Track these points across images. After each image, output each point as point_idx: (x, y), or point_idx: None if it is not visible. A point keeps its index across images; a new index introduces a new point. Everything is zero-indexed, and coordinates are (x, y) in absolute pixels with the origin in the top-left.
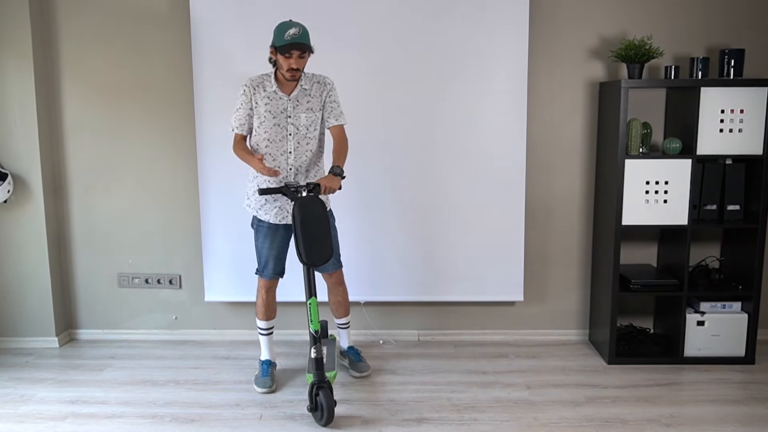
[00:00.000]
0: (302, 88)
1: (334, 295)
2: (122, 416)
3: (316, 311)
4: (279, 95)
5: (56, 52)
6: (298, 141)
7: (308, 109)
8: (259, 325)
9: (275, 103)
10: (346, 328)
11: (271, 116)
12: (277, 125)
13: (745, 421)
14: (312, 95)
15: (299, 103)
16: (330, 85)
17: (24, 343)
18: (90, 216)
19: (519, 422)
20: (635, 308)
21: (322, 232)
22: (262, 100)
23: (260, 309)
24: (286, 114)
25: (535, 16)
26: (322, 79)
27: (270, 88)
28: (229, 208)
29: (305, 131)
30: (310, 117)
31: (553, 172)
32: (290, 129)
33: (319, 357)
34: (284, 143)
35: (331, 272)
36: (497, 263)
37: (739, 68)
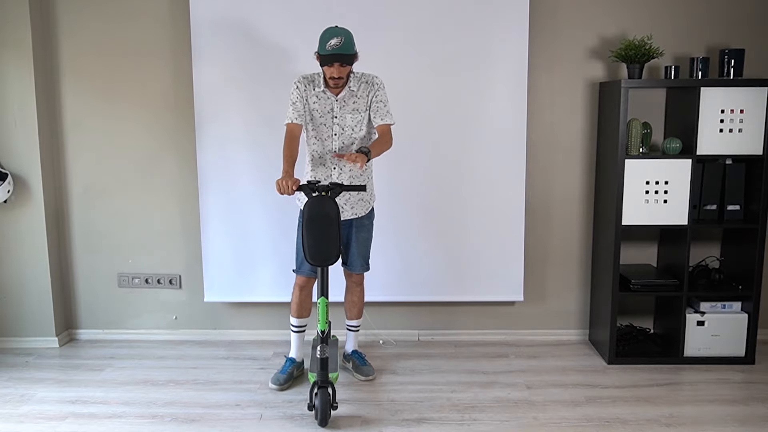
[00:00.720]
0: (350, 89)
1: (351, 294)
2: (122, 416)
3: (325, 311)
4: (327, 95)
5: (56, 52)
6: (343, 141)
7: (354, 110)
8: (291, 322)
9: (322, 103)
10: (355, 330)
11: (318, 115)
12: (323, 125)
13: (745, 421)
14: (359, 96)
15: (345, 104)
16: (378, 85)
17: (24, 343)
18: (90, 216)
19: (519, 422)
20: (635, 308)
21: (329, 233)
22: (311, 98)
23: (293, 306)
24: (332, 114)
25: (535, 16)
26: (370, 79)
27: (319, 88)
28: (229, 208)
29: (350, 131)
30: (355, 118)
31: (553, 172)
32: (335, 129)
33: (324, 357)
34: (329, 142)
35: (358, 273)
36: (497, 263)
37: (739, 68)
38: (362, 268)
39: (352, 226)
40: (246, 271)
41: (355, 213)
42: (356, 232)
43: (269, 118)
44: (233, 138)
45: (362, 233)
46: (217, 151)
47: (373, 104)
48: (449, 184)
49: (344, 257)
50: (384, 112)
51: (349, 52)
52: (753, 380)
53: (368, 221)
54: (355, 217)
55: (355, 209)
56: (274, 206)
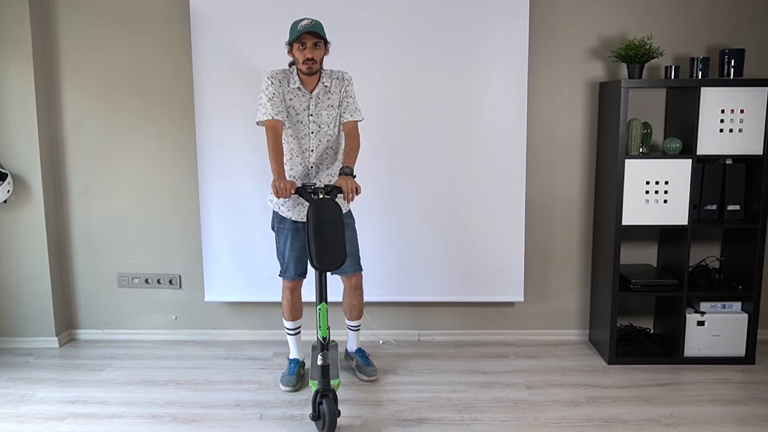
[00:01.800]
0: (323, 85)
1: (350, 298)
2: (122, 416)
3: (326, 317)
4: (302, 92)
5: (56, 52)
6: (319, 139)
7: (329, 106)
8: (286, 326)
9: (298, 100)
10: (356, 330)
11: (295, 112)
12: (300, 122)
13: (745, 421)
14: (332, 91)
15: (320, 100)
16: (348, 80)
17: (24, 343)
18: (90, 216)
19: (519, 422)
20: (635, 308)
21: (336, 237)
22: (287, 95)
23: (285, 310)
24: (308, 112)
25: (535, 16)
26: (340, 75)
27: (294, 84)
28: (229, 208)
29: (326, 128)
30: (330, 114)
31: (553, 172)
32: (312, 127)
33: (326, 365)
34: (306, 140)
35: (350, 275)
36: (497, 263)
37: (739, 68)
38: (354, 268)
39: None
40: (246, 271)
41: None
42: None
43: None
44: (233, 138)
45: (348, 233)
46: (217, 151)
47: (344, 99)
48: (449, 184)
49: None
50: (353, 108)
51: (321, 32)
52: (753, 380)
53: (351, 220)
54: None
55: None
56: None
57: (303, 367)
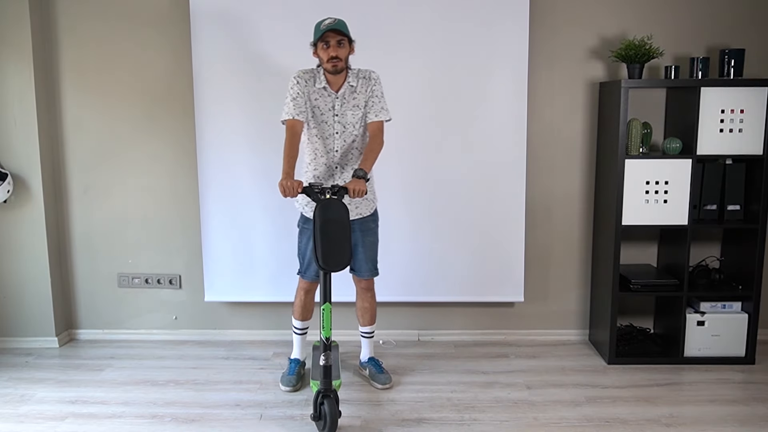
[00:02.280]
0: (349, 84)
1: (362, 300)
2: (122, 416)
3: (329, 318)
4: (328, 92)
5: (56, 52)
6: (344, 139)
7: (354, 106)
8: (295, 325)
9: (323, 100)
10: (369, 337)
11: (320, 112)
12: (325, 122)
13: (745, 421)
14: (358, 91)
15: (346, 100)
16: (375, 79)
17: (24, 343)
18: (90, 216)
19: (519, 422)
20: (635, 308)
21: (342, 237)
22: (312, 95)
23: (297, 309)
24: (333, 112)
25: (535, 16)
26: (367, 74)
27: (320, 84)
28: (229, 208)
29: (351, 129)
30: (356, 114)
31: (553, 172)
32: (337, 127)
33: (328, 365)
34: (331, 140)
35: (367, 278)
36: (497, 263)
37: (739, 68)
38: (370, 272)
39: (359, 230)
40: (246, 271)
41: (360, 213)
42: (363, 236)
43: (270, 118)
44: (233, 138)
45: (369, 237)
46: (217, 151)
47: (369, 99)
48: (449, 184)
49: (352, 263)
50: (379, 107)
51: (345, 30)
52: (753, 380)
53: (374, 224)
54: (360, 217)
55: (359, 209)
56: (275, 206)
57: (303, 368)
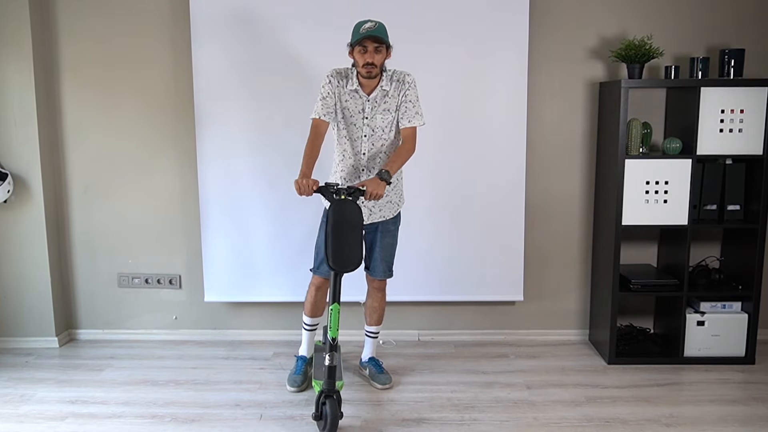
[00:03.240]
0: (382, 89)
1: (372, 299)
2: (122, 416)
3: (337, 318)
4: (360, 94)
5: (56, 52)
6: (372, 143)
7: (385, 110)
8: (305, 320)
9: (354, 102)
10: (374, 337)
11: (350, 114)
12: (354, 124)
13: (745, 421)
14: (390, 95)
15: (377, 104)
16: (409, 83)
17: (24, 343)
18: (90, 216)
19: (519, 422)
20: (635, 308)
21: (353, 239)
22: (343, 96)
23: (308, 305)
24: (363, 115)
25: (535, 16)
26: (402, 77)
27: (352, 86)
28: (229, 208)
29: (381, 132)
30: (386, 118)
31: (553, 171)
32: (365, 130)
33: (333, 366)
34: (359, 143)
35: (381, 279)
36: (497, 263)
37: (739, 68)
38: (385, 274)
39: (378, 230)
40: (246, 271)
41: (383, 216)
42: (381, 237)
43: (270, 118)
44: (233, 138)
45: (387, 239)
46: (217, 151)
47: (402, 104)
48: (449, 184)
49: (367, 262)
50: (412, 113)
51: (384, 36)
52: (753, 380)
53: (393, 227)
54: (383, 220)
55: (383, 211)
56: (275, 206)
57: (310, 366)
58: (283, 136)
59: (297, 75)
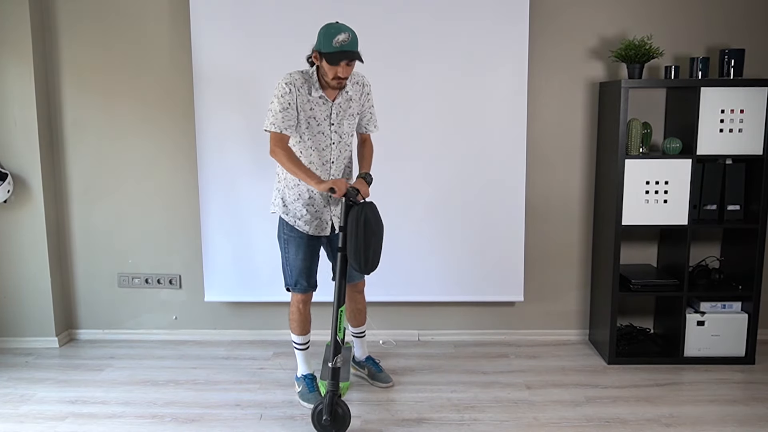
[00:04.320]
0: (347, 93)
1: (354, 302)
2: (122, 416)
3: (344, 320)
4: (324, 100)
5: (56, 52)
6: (340, 150)
7: (350, 116)
8: (295, 341)
9: (319, 109)
10: (362, 337)
11: (315, 123)
12: (321, 133)
13: (745, 421)
14: (353, 99)
15: (342, 109)
16: (368, 86)
17: (24, 343)
18: (90, 216)
19: (519, 422)
20: (635, 308)
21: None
22: (306, 105)
23: (296, 324)
24: (329, 121)
25: (535, 16)
26: (361, 80)
27: (316, 93)
28: (229, 207)
29: (346, 138)
30: (351, 123)
31: (553, 172)
32: (333, 137)
33: (337, 367)
34: (327, 152)
35: (358, 282)
36: (497, 263)
37: (739, 68)
38: (360, 276)
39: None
40: (246, 271)
41: None
42: None
43: None
44: (233, 138)
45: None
46: (217, 151)
47: (366, 109)
48: (449, 184)
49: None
50: (374, 120)
51: (357, 49)
52: (753, 380)
53: None
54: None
55: None
56: None
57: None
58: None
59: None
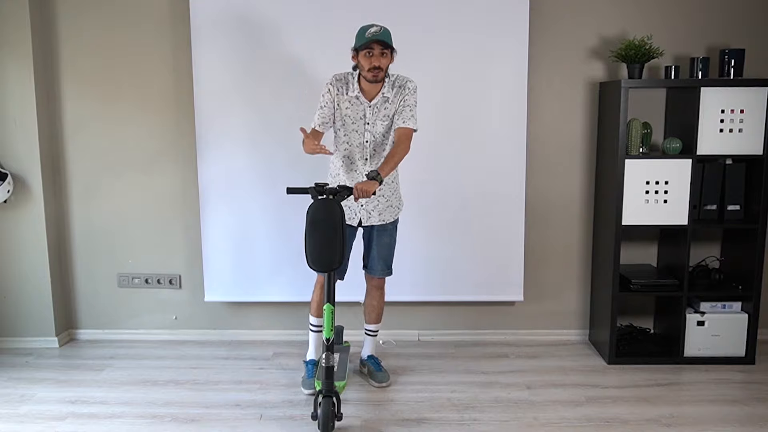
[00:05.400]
0: (383, 95)
1: (371, 297)
2: (122, 416)
3: (331, 318)
4: (361, 100)
5: (56, 52)
6: (374, 148)
7: (385, 116)
8: (311, 322)
9: (355, 108)
10: (373, 335)
11: (351, 121)
12: (355, 131)
13: (745, 421)
14: (391, 101)
15: (378, 110)
16: (410, 89)
17: (24, 343)
18: (90, 216)
19: (519, 422)
20: (635, 308)
21: (331, 238)
22: (343, 104)
23: (314, 305)
24: (364, 121)
25: (535, 16)
26: (403, 82)
27: (352, 92)
28: (229, 208)
29: (381, 138)
30: (385, 124)
31: (553, 172)
32: (367, 136)
33: (329, 366)
34: (361, 149)
35: (379, 277)
36: (497, 263)
37: (739, 68)
38: (383, 272)
39: (374, 229)
40: (246, 271)
41: (383, 219)
42: (378, 236)
43: (269, 118)
44: (233, 138)
45: (384, 237)
46: (217, 152)
47: (400, 106)
48: (449, 184)
49: (365, 260)
50: (408, 115)
51: (390, 40)
52: (753, 380)
53: (391, 226)
54: (382, 223)
55: (383, 215)
56: (274, 206)
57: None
58: (283, 136)
59: (297, 75)
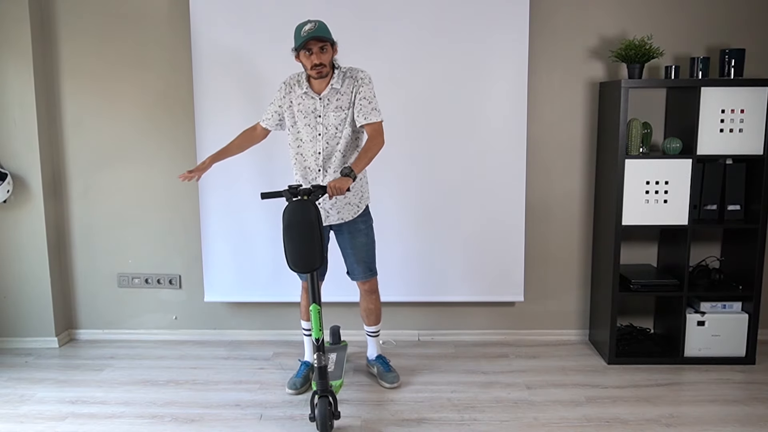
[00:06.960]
0: (332, 87)
1: (366, 302)
2: (122, 416)
3: (318, 319)
4: (310, 95)
5: (56, 52)
6: (327, 141)
7: (337, 108)
8: (303, 326)
9: (306, 103)
10: (375, 336)
11: (303, 116)
12: (308, 125)
13: (745, 421)
14: (342, 92)
15: (329, 102)
16: (362, 79)
17: (24, 343)
18: (90, 216)
19: (519, 422)
20: (635, 308)
21: (309, 239)
22: (296, 100)
23: (303, 310)
24: (315, 114)
25: (535, 16)
26: (354, 74)
27: (301, 89)
28: (229, 208)
29: (334, 131)
30: (339, 116)
31: (553, 172)
32: (320, 129)
33: (321, 366)
34: (314, 143)
35: (363, 281)
36: (497, 263)
37: (739, 68)
38: (365, 275)
39: (347, 232)
40: (246, 271)
41: (342, 218)
42: (351, 239)
43: None
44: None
45: (359, 238)
46: None
47: (357, 101)
48: (449, 184)
49: (347, 266)
50: (368, 109)
51: (326, 34)
52: (753, 380)
53: (363, 225)
54: (343, 221)
55: (341, 213)
56: (274, 206)
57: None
58: (283, 136)
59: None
